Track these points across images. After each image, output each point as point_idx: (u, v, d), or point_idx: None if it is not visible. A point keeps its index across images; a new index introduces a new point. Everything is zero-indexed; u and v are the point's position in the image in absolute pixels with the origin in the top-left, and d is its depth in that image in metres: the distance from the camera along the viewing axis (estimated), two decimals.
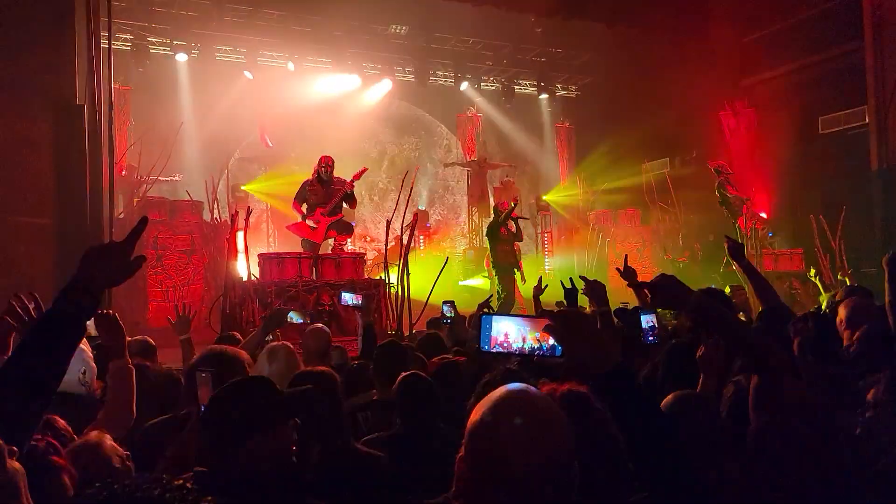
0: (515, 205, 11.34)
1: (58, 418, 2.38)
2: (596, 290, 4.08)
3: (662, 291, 2.03)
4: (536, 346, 1.73)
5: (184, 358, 4.44)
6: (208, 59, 15.20)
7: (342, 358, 4.85)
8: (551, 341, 1.68)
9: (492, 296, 9.99)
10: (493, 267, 11.10)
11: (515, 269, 10.92)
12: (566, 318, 1.62)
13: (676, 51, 14.36)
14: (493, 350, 1.78)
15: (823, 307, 4.98)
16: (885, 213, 11.10)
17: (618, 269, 4.35)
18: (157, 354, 4.63)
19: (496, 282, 10.86)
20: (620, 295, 5.98)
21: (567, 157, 19.17)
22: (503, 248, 10.86)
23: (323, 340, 4.48)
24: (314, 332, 4.54)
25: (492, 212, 12.00)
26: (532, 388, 1.51)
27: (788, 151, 13.51)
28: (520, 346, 1.75)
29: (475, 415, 1.43)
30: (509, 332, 1.76)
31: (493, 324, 1.78)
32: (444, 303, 6.01)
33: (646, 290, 2.35)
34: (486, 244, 11.66)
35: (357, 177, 9.79)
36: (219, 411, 2.14)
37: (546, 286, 5.35)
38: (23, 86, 6.47)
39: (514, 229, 11.11)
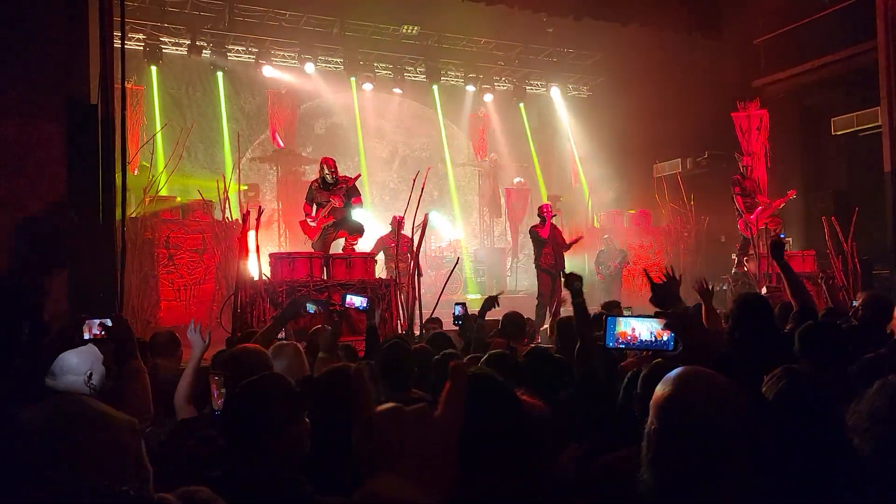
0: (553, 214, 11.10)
1: None
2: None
3: (658, 291, 2.30)
4: (654, 341, 2.08)
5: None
6: (220, 58, 15.28)
7: (351, 357, 4.85)
8: (665, 337, 2.00)
9: (502, 292, 9.72)
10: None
11: (556, 274, 10.58)
12: (683, 317, 1.88)
13: (688, 51, 14.32)
14: (619, 346, 2.16)
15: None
16: None
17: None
18: (181, 347, 4.72)
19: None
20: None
21: (578, 158, 19.12)
22: (543, 252, 10.79)
23: (328, 342, 4.52)
24: (320, 334, 4.60)
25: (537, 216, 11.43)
26: (704, 368, 1.68)
27: (801, 152, 13.46)
28: (646, 338, 2.09)
29: (660, 393, 1.60)
30: (636, 328, 2.10)
31: (617, 323, 2.13)
32: (456, 304, 6.02)
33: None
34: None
35: (350, 182, 9.82)
36: (234, 412, 2.16)
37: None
38: (36, 85, 6.52)
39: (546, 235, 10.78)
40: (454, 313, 5.99)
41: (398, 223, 10.98)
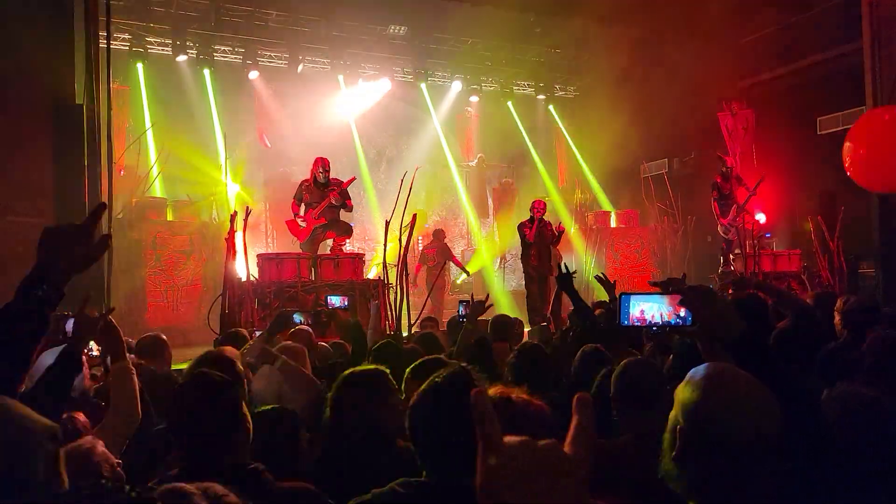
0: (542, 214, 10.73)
1: (80, 415, 2.37)
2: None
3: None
4: (670, 319, 2.02)
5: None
6: (207, 59, 15.19)
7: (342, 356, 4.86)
8: (682, 313, 1.93)
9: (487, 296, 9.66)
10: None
11: (541, 276, 10.42)
12: (699, 292, 1.85)
13: (675, 51, 14.37)
14: (633, 324, 2.13)
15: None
16: (882, 214, 11.10)
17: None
18: (167, 350, 4.70)
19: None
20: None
21: (565, 158, 19.14)
22: (526, 254, 10.65)
23: (304, 341, 4.54)
24: (296, 334, 4.64)
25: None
26: (733, 366, 1.65)
27: (786, 152, 13.52)
28: (656, 319, 2.06)
29: (688, 393, 1.58)
30: (645, 309, 2.08)
31: (631, 302, 2.11)
32: (461, 302, 5.99)
33: None
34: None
35: (345, 185, 9.79)
36: (175, 412, 2.19)
37: (574, 272, 5.08)
38: (21, 85, 6.47)
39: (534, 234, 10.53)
40: (458, 311, 5.97)
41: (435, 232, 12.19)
